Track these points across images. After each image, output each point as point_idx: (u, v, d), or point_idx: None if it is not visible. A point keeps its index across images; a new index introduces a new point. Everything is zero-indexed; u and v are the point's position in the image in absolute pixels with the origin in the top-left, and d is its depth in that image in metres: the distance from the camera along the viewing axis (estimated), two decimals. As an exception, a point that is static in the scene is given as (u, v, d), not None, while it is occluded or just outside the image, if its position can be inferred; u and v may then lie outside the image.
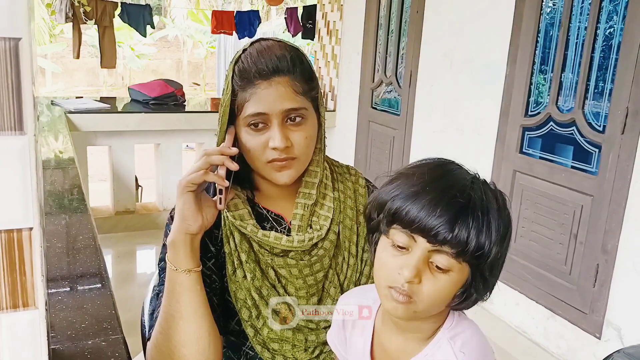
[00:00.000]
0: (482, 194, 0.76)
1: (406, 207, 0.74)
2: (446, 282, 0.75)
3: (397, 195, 0.77)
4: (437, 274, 0.75)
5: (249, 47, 1.01)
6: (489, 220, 0.74)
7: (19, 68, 0.59)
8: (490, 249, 0.74)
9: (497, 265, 0.77)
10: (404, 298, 0.76)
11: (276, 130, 0.97)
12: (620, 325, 2.36)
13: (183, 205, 0.93)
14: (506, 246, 0.78)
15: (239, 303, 1.02)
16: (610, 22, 2.45)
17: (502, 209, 0.77)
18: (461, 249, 0.73)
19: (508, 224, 0.77)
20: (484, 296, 0.81)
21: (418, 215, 0.73)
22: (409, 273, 0.74)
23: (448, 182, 0.76)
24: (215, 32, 5.54)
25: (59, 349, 1.01)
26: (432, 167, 0.80)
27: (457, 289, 0.78)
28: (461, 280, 0.77)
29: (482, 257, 0.74)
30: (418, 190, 0.75)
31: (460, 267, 0.75)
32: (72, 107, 3.89)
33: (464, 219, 0.72)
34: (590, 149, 2.52)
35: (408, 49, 3.80)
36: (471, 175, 0.79)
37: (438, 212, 0.72)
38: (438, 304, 0.78)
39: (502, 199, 0.79)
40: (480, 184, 0.78)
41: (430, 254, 0.74)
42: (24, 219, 0.61)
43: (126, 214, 4.20)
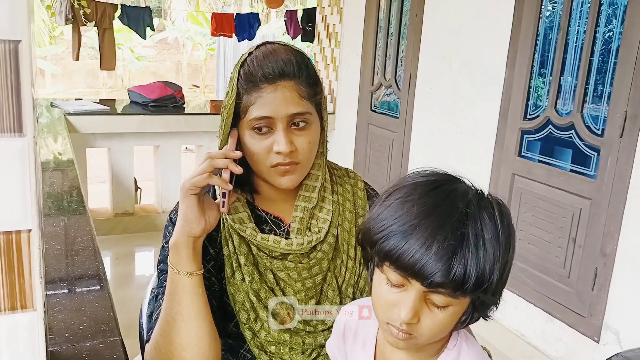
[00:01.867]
0: (478, 221, 0.70)
1: (398, 251, 0.70)
2: (445, 316, 0.73)
3: (387, 234, 0.72)
4: (436, 311, 0.72)
5: (254, 51, 1.01)
6: (486, 252, 0.69)
7: (19, 70, 0.59)
8: (492, 279, 0.70)
9: (500, 285, 0.73)
10: (404, 335, 0.74)
11: (281, 135, 0.97)
12: (619, 329, 2.36)
13: (186, 208, 0.93)
14: (510, 264, 0.74)
15: (237, 306, 1.02)
16: (609, 26, 2.45)
17: (501, 230, 0.72)
18: (460, 289, 0.69)
19: (509, 243, 0.73)
20: (488, 315, 0.78)
21: (410, 262, 0.69)
22: (406, 316, 0.71)
23: (441, 217, 0.70)
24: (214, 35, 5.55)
25: (57, 351, 1.01)
26: (425, 192, 0.73)
27: (459, 317, 0.75)
28: (462, 309, 0.74)
29: (485, 288, 0.70)
30: (409, 229, 0.70)
31: (459, 300, 0.72)
32: (72, 109, 3.89)
33: (460, 260, 0.68)
34: (589, 153, 2.52)
35: (407, 52, 3.80)
36: (467, 197, 0.73)
37: (431, 257, 0.68)
38: (440, 334, 0.76)
39: (501, 214, 0.73)
40: (476, 206, 0.72)
41: (427, 293, 0.71)
42: (22, 220, 0.61)
43: (125, 215, 4.19)
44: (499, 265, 0.70)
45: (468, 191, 0.74)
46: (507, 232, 0.72)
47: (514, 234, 0.75)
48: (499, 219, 0.72)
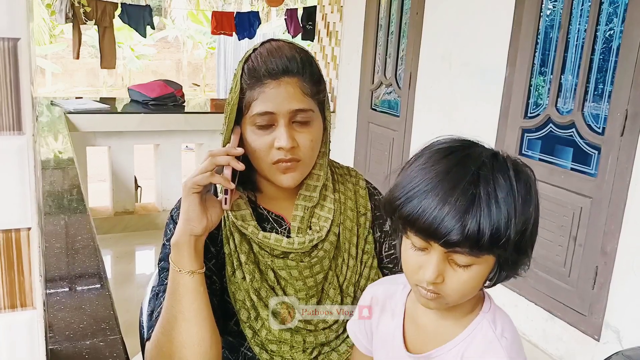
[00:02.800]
0: (490, 181, 0.73)
1: (415, 214, 0.74)
2: (470, 275, 0.76)
3: (405, 199, 0.76)
4: (459, 270, 0.75)
5: (259, 47, 1.01)
6: (499, 208, 0.71)
7: (18, 68, 0.59)
8: (508, 234, 0.72)
9: (523, 243, 0.75)
10: (432, 295, 0.77)
11: (283, 130, 0.97)
12: (619, 328, 2.36)
13: (188, 206, 0.93)
14: (530, 221, 0.75)
15: (237, 304, 1.02)
16: (610, 25, 2.45)
17: (516, 186, 0.74)
18: (475, 246, 0.72)
19: (527, 201, 0.74)
20: (518, 272, 0.80)
21: (427, 223, 0.72)
22: (430, 276, 0.75)
23: (453, 180, 0.73)
24: (215, 33, 5.54)
25: (57, 349, 1.01)
26: (440, 158, 0.77)
27: (485, 276, 0.78)
28: (487, 268, 0.76)
29: (502, 245, 0.72)
30: (424, 193, 0.74)
31: (482, 259, 0.74)
32: (72, 108, 3.89)
33: (473, 217, 0.71)
34: (589, 151, 2.52)
35: (408, 51, 3.80)
36: (480, 159, 0.75)
37: (445, 218, 0.71)
38: (468, 294, 0.78)
39: (517, 173, 0.75)
40: (489, 168, 0.74)
41: (448, 254, 0.74)
42: (22, 219, 0.61)
43: (125, 214, 4.19)
44: (515, 222, 0.72)
45: (482, 154, 0.77)
46: (523, 190, 0.74)
47: (535, 193, 0.77)
48: (514, 178, 0.74)
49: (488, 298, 0.85)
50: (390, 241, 1.14)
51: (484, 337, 0.81)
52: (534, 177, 0.78)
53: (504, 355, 0.78)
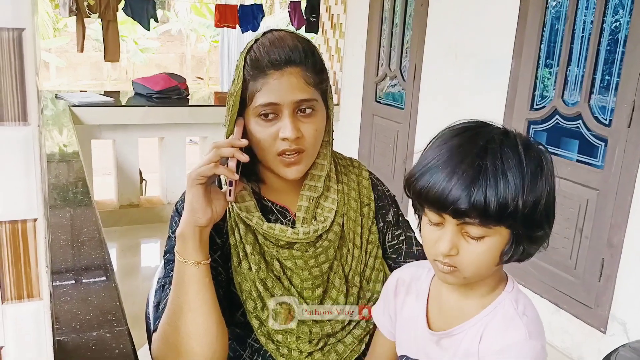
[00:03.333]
0: (498, 154, 0.75)
1: (425, 189, 0.77)
2: (484, 248, 0.77)
3: (418, 174, 0.79)
4: (473, 242, 0.77)
5: (261, 37, 1.00)
6: (506, 179, 0.73)
7: (23, 58, 0.58)
8: (516, 205, 0.73)
9: (535, 216, 0.76)
10: (448, 269, 0.79)
11: (287, 121, 0.96)
12: (626, 320, 2.35)
13: (192, 198, 0.93)
14: (542, 195, 0.76)
15: (244, 295, 1.02)
16: (617, 16, 2.43)
17: (525, 161, 0.75)
18: (483, 215, 0.73)
19: (537, 175, 0.76)
20: (536, 248, 0.81)
21: (436, 196, 0.75)
22: (444, 248, 0.77)
23: (462, 154, 0.76)
24: (218, 26, 5.52)
25: (64, 340, 1.01)
26: (452, 136, 0.80)
27: (501, 249, 0.78)
28: (502, 241, 0.78)
29: (511, 215, 0.74)
30: (435, 168, 0.77)
31: (494, 230, 0.76)
32: (76, 101, 3.89)
33: (478, 188, 0.73)
34: (596, 143, 2.51)
35: (412, 43, 3.78)
36: (490, 135, 0.78)
37: (452, 188, 0.74)
38: (485, 268, 0.80)
39: (527, 149, 0.77)
40: (498, 143, 0.76)
41: (461, 226, 0.77)
42: (28, 210, 0.61)
43: (130, 207, 4.20)
44: (523, 194, 0.74)
45: (493, 131, 0.79)
46: (533, 165, 0.76)
47: (548, 169, 0.78)
48: (524, 153, 0.76)
49: (511, 280, 0.87)
50: (393, 231, 1.14)
51: (505, 314, 0.82)
52: (548, 156, 0.80)
53: (524, 330, 0.80)
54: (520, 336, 0.79)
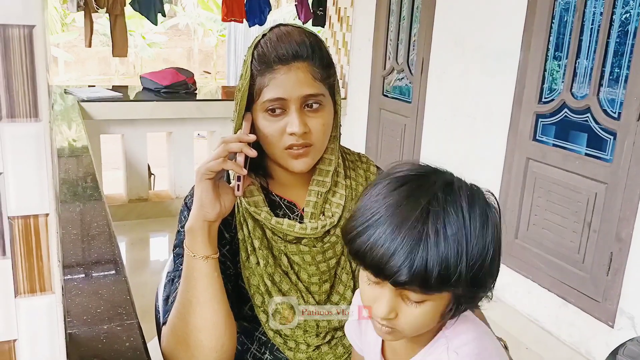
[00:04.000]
0: (440, 217, 0.70)
1: (364, 250, 0.72)
2: (424, 311, 0.73)
3: (355, 234, 0.73)
4: (412, 306, 0.73)
5: (268, 32, 1.01)
6: (448, 245, 0.69)
7: (33, 55, 0.59)
8: (459, 271, 0.69)
9: (480, 277, 0.72)
10: (387, 329, 0.75)
11: (294, 116, 0.97)
12: (634, 314, 2.34)
13: (201, 192, 0.93)
14: (487, 255, 0.72)
15: (252, 289, 1.03)
16: (627, 7, 2.41)
17: (469, 220, 0.71)
18: (424, 285, 0.69)
19: (481, 231, 0.71)
20: (477, 305, 0.78)
21: (374, 262, 0.70)
22: (382, 312, 0.73)
23: (401, 216, 0.70)
24: (225, 20, 5.51)
25: (75, 333, 1.02)
26: (391, 189, 0.74)
27: (442, 311, 0.75)
28: (441, 304, 0.74)
29: (453, 282, 0.69)
30: (372, 230, 0.71)
31: (435, 296, 0.72)
32: (85, 96, 3.91)
33: (420, 257, 0.68)
34: (604, 136, 2.49)
35: (420, 36, 3.76)
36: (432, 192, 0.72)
37: (392, 256, 0.69)
38: (422, 328, 0.76)
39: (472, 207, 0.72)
40: (442, 202, 0.71)
41: (400, 290, 0.72)
42: (40, 205, 0.62)
43: (139, 201, 4.23)
44: (467, 258, 0.69)
45: (436, 185, 0.73)
46: (478, 223, 0.71)
47: (494, 224, 0.73)
48: (468, 211, 0.71)
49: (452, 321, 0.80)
50: None
51: (437, 354, 0.79)
52: (494, 207, 0.75)
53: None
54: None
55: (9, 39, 0.58)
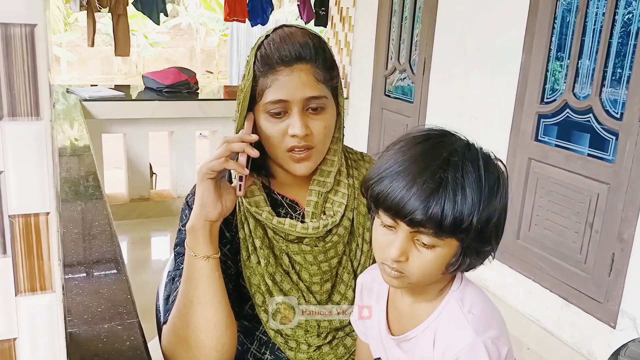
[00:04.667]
0: (460, 167, 0.76)
1: (384, 194, 0.77)
2: (433, 257, 0.78)
3: (378, 179, 0.79)
4: (423, 250, 0.78)
5: (271, 33, 1.00)
6: (464, 194, 0.74)
7: (35, 54, 0.59)
8: (471, 221, 0.75)
9: (487, 233, 0.78)
10: (395, 273, 0.80)
11: (296, 118, 0.97)
12: (636, 315, 2.34)
13: (203, 192, 0.93)
14: (495, 213, 0.78)
15: (252, 288, 1.03)
16: (629, 8, 2.40)
17: (484, 177, 0.77)
18: (438, 228, 0.75)
19: (493, 192, 0.77)
20: (481, 261, 0.83)
21: (394, 203, 0.76)
22: (394, 253, 0.78)
23: (424, 163, 0.76)
24: (227, 20, 5.52)
25: (75, 332, 1.02)
26: (415, 143, 0.80)
27: (448, 260, 0.80)
28: (450, 252, 0.79)
29: (464, 229, 0.75)
30: (395, 174, 0.77)
31: (445, 242, 0.77)
32: (87, 95, 3.91)
33: (437, 200, 0.74)
34: (607, 137, 2.49)
35: (422, 36, 3.76)
36: (453, 147, 0.78)
37: (412, 198, 0.75)
38: (430, 276, 0.81)
39: (487, 166, 0.78)
40: (461, 156, 0.77)
41: (414, 234, 0.77)
42: (40, 203, 0.62)
43: (141, 201, 4.23)
44: (479, 211, 0.75)
45: (456, 142, 0.79)
46: (492, 182, 0.77)
47: (504, 187, 0.79)
48: (484, 169, 0.77)
49: (458, 277, 0.87)
50: None
51: (451, 315, 0.84)
52: (505, 173, 0.81)
53: (469, 330, 0.81)
54: (468, 337, 0.80)
55: (11, 37, 0.58)
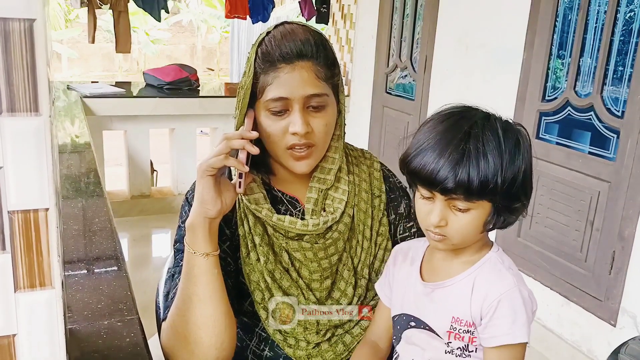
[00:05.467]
0: (480, 137, 0.85)
1: (418, 168, 0.87)
2: (469, 219, 0.88)
3: (411, 156, 0.89)
4: (459, 214, 0.88)
5: (272, 30, 1.00)
6: (486, 160, 0.84)
7: (34, 49, 0.59)
8: (496, 182, 0.84)
9: (514, 190, 0.86)
10: (439, 237, 0.91)
11: (297, 116, 0.96)
12: (636, 313, 2.34)
13: (202, 189, 0.93)
14: (519, 172, 0.86)
15: (252, 285, 1.03)
16: (631, 6, 2.40)
17: (504, 142, 0.86)
18: (467, 192, 0.84)
19: (514, 154, 0.86)
20: (515, 218, 0.91)
21: (426, 175, 0.86)
22: (434, 220, 0.89)
23: (448, 138, 0.86)
24: (228, 17, 5.50)
25: (75, 328, 1.02)
26: (440, 121, 0.90)
27: (484, 220, 0.89)
28: (484, 213, 0.89)
29: (491, 191, 0.85)
30: (424, 151, 0.87)
31: (478, 204, 0.87)
32: (88, 92, 3.91)
33: (463, 168, 0.84)
34: (608, 135, 2.48)
35: (423, 33, 3.75)
36: (473, 120, 0.88)
37: (441, 169, 0.84)
38: (470, 236, 0.91)
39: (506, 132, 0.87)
40: (480, 127, 0.86)
41: (449, 201, 0.87)
42: (39, 199, 0.62)
43: (141, 198, 4.23)
44: (502, 172, 0.85)
45: (476, 115, 0.89)
46: (511, 146, 0.86)
47: (525, 148, 0.89)
48: (503, 136, 0.86)
49: (496, 245, 0.97)
50: (404, 223, 1.14)
51: (493, 267, 0.93)
52: (526, 136, 0.90)
53: (511, 279, 0.91)
54: (510, 284, 0.90)
55: (10, 32, 0.57)
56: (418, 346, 0.97)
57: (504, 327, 0.89)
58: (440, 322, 0.94)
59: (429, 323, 0.95)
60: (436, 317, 0.95)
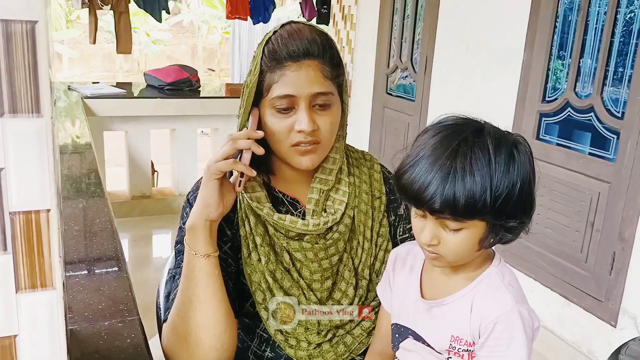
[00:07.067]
0: (467, 156, 0.81)
1: (406, 185, 0.85)
2: (462, 238, 0.85)
3: (400, 173, 0.87)
4: (451, 233, 0.85)
5: (279, 29, 1.00)
6: (473, 179, 0.80)
7: (36, 51, 0.59)
8: (484, 201, 0.80)
9: (508, 208, 0.83)
10: (433, 255, 0.89)
11: (304, 113, 0.97)
12: (637, 314, 2.34)
13: (207, 192, 0.93)
14: (514, 189, 0.82)
15: (253, 286, 1.03)
16: (631, 7, 2.40)
17: (494, 159, 0.82)
18: (454, 212, 0.81)
19: (505, 168, 0.82)
20: (512, 236, 0.88)
21: (413, 193, 0.84)
22: (426, 238, 0.87)
23: (435, 156, 0.83)
24: (229, 18, 5.51)
25: (76, 329, 1.03)
26: (430, 136, 0.87)
27: (479, 238, 0.86)
28: (478, 232, 0.85)
29: (480, 211, 0.81)
30: (412, 168, 0.85)
31: (469, 223, 0.84)
32: (89, 92, 3.91)
33: (449, 187, 0.80)
34: (608, 136, 2.48)
35: (424, 34, 3.76)
36: (463, 135, 0.84)
37: (426, 189, 0.82)
38: (465, 255, 0.88)
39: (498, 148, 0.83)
40: (470, 144, 0.83)
41: (439, 220, 0.84)
42: (41, 200, 0.62)
43: (142, 198, 4.23)
44: (492, 191, 0.81)
45: (468, 130, 0.85)
46: (504, 161, 0.83)
47: (520, 163, 0.85)
48: (495, 151, 0.83)
49: (498, 256, 0.94)
50: (404, 225, 1.14)
51: (492, 285, 0.90)
52: (523, 149, 0.86)
53: (510, 298, 0.88)
54: (508, 303, 0.87)
55: (12, 34, 0.58)
56: (419, 354, 0.96)
57: (500, 349, 0.87)
58: (439, 340, 0.93)
59: (428, 340, 0.94)
60: (435, 335, 0.93)
